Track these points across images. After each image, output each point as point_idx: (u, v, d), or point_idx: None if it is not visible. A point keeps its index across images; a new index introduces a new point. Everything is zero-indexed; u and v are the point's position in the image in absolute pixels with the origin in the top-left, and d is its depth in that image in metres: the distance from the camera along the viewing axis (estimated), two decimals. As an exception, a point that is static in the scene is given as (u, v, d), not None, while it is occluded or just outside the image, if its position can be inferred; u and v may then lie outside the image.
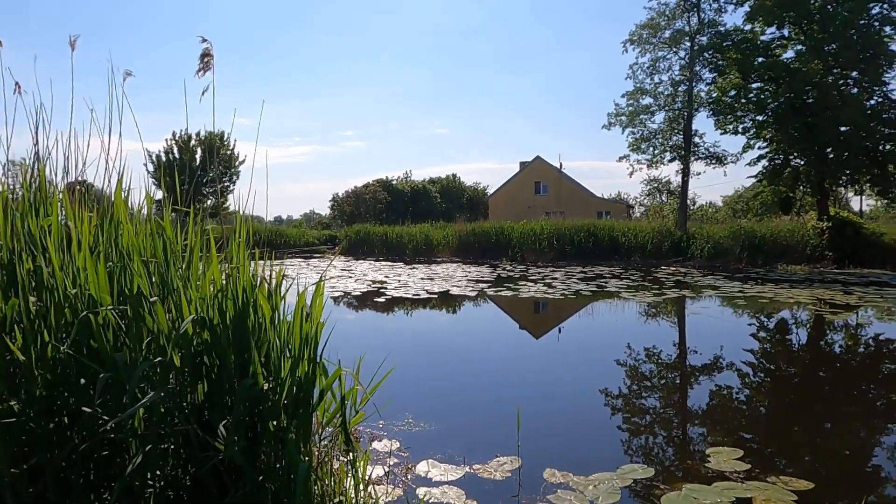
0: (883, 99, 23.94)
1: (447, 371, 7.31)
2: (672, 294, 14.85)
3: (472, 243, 28.90)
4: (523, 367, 7.68)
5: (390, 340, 9.40)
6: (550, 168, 49.12)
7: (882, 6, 23.43)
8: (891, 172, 24.23)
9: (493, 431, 5.03)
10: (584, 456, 4.54)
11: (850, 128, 23.08)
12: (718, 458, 4.39)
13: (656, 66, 26.79)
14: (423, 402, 5.90)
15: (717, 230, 25.67)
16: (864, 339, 9.84)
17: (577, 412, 5.74)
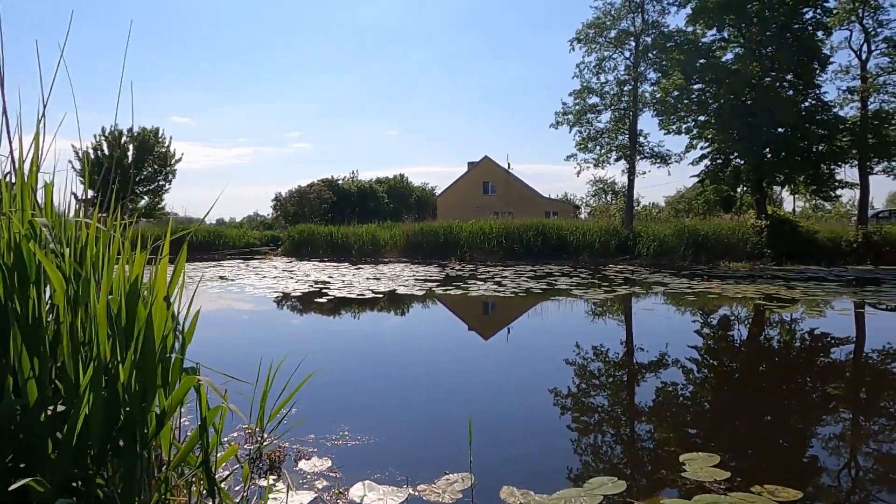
0: (816, 101, 24.81)
1: (391, 376, 6.63)
2: (623, 291, 14.65)
3: (420, 243, 28.26)
4: (474, 369, 7.09)
5: (328, 344, 8.63)
6: (498, 168, 49.03)
7: (815, 11, 24.27)
8: (823, 172, 25.13)
9: (441, 444, 4.40)
10: (545, 470, 3.97)
11: (787, 129, 23.78)
12: (694, 465, 3.90)
13: (602, 66, 26.96)
14: (363, 411, 5.20)
15: (662, 229, 25.99)
16: (817, 332, 9.77)
17: (534, 419, 5.17)
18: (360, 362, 7.28)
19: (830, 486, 3.80)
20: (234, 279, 18.01)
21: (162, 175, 44.33)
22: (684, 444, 4.39)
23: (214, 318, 10.98)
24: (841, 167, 25.76)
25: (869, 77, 25.50)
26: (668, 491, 3.57)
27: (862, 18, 25.24)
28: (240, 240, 34.27)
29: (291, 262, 26.13)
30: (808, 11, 24.39)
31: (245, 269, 21.97)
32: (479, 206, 44.07)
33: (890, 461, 4.20)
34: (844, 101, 26.12)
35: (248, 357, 5.16)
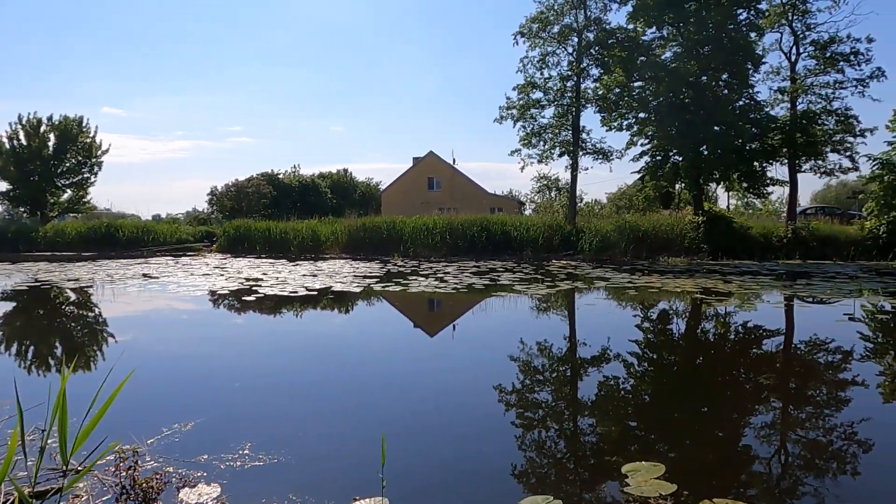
0: (749, 101, 25.56)
1: (310, 382, 6.00)
2: (565, 286, 14.46)
3: (362, 239, 27.48)
4: (402, 371, 6.56)
5: (245, 347, 7.91)
6: (444, 164, 48.67)
7: (749, 12, 24.96)
8: (756, 170, 25.93)
9: (357, 463, 3.83)
10: (472, 490, 3.48)
11: (722, 127, 24.36)
12: (637, 478, 3.51)
13: (546, 61, 26.87)
14: (272, 423, 4.57)
15: (603, 224, 26.18)
16: (752, 325, 9.75)
17: (464, 427, 4.69)
18: (277, 366, 6.61)
19: (779, 493, 3.49)
20: (158, 277, 16.81)
21: (87, 167, 41.56)
22: (627, 452, 4.00)
23: (124, 320, 10.03)
24: (772, 165, 26.70)
25: (798, 78, 26.51)
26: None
27: (791, 21, 26.20)
28: (171, 236, 32.53)
29: (226, 259, 24.87)
30: (742, 13, 25.08)
31: (173, 267, 20.67)
32: (424, 201, 43.58)
33: (833, 456, 3.96)
34: (775, 101, 27.11)
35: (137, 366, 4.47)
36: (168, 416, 4.51)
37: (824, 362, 7.20)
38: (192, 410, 4.70)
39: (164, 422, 4.34)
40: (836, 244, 24.77)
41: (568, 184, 31.12)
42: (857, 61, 25.27)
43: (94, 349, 7.56)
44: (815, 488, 3.57)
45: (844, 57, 25.38)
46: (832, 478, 3.74)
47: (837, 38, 25.56)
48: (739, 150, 24.64)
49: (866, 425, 4.69)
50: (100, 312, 10.95)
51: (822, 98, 26.07)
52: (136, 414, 4.64)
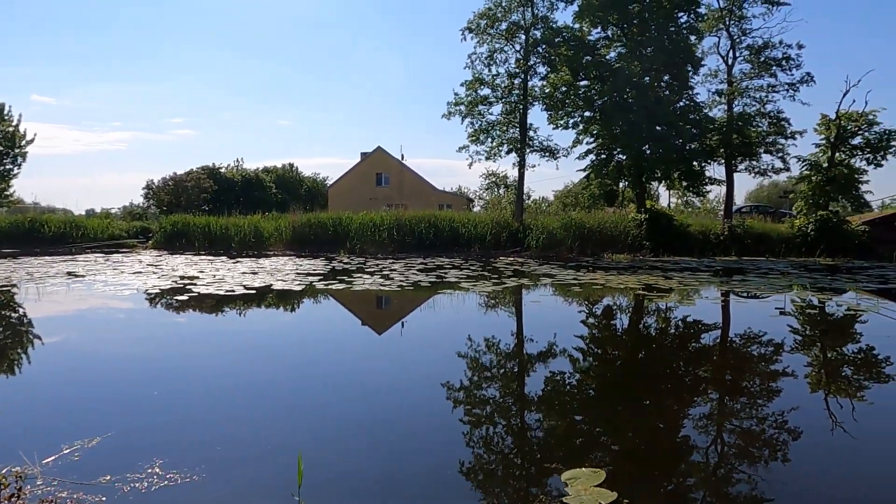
0: (689, 102, 26.29)
1: (240, 386, 5.62)
2: (511, 283, 14.41)
3: (307, 235, 26.78)
4: (337, 374, 6.26)
5: (169, 350, 7.41)
6: (392, 159, 48.16)
7: (689, 16, 25.66)
8: (696, 169, 26.74)
9: (274, 479, 3.53)
10: (409, 498, 3.25)
11: (664, 127, 24.96)
12: (577, 486, 3.36)
13: (493, 58, 26.85)
14: (189, 438, 4.20)
15: (550, 221, 26.43)
16: (692, 320, 9.92)
17: (401, 432, 4.45)
18: (203, 372, 6.18)
19: (715, 481, 3.42)
20: (84, 275, 15.79)
21: (9, 158, 38.89)
22: (568, 456, 3.85)
23: (38, 322, 9.28)
24: (710, 164, 27.60)
25: (734, 81, 27.49)
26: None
27: (729, 26, 27.11)
28: (103, 231, 30.79)
29: (161, 256, 23.71)
30: (682, 16, 25.76)
31: (103, 264, 19.51)
32: (373, 197, 43.00)
33: (766, 444, 3.94)
34: (713, 103, 28.01)
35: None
36: (72, 430, 4.08)
37: (758, 355, 7.40)
38: (100, 424, 4.27)
39: (65, 438, 3.91)
40: (769, 241, 25.87)
41: (516, 181, 31.29)
42: (788, 66, 26.42)
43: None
44: (748, 476, 3.62)
45: (777, 62, 26.48)
46: (764, 465, 3.81)
47: (771, 44, 26.67)
48: (680, 150, 25.32)
49: (795, 414, 4.87)
50: (9, 314, 10.11)
51: (757, 101, 27.15)
52: (34, 429, 4.19)
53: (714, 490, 3.50)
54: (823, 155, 26.51)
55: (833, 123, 25.90)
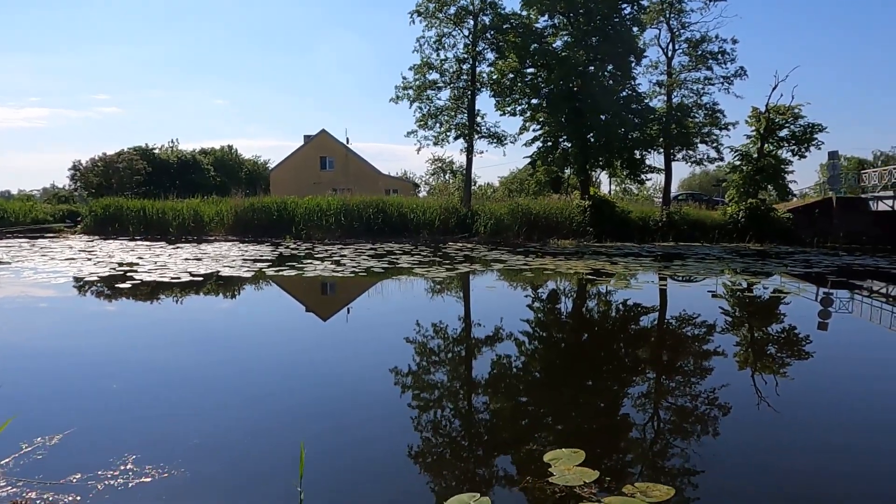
0: (632, 92, 27.07)
1: (199, 377, 5.45)
2: (464, 269, 14.53)
3: (251, 220, 25.99)
4: (304, 360, 6.17)
5: (122, 341, 7.09)
6: (337, 143, 47.21)
7: (632, 7, 26.32)
8: (637, 158, 27.64)
9: (261, 471, 3.46)
10: (394, 490, 3.26)
11: (608, 116, 25.60)
12: (560, 466, 3.46)
13: (442, 42, 26.69)
14: (159, 431, 4.04)
15: (497, 208, 26.72)
16: (634, 302, 10.32)
17: (369, 420, 4.44)
18: (161, 362, 5.94)
19: (652, 456, 3.61)
20: (10, 262, 14.78)
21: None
22: (545, 438, 3.97)
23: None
24: (650, 153, 28.58)
25: (673, 73, 28.46)
26: (537, 501, 3.07)
27: (669, 19, 27.99)
28: (26, 215, 28.88)
29: (93, 242, 22.45)
30: (626, 7, 26.39)
31: (29, 250, 18.31)
32: (317, 181, 42.10)
33: (699, 420, 4.20)
34: (654, 94, 28.92)
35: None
36: (27, 428, 3.84)
37: (692, 336, 7.89)
38: (58, 420, 4.04)
39: (21, 435, 3.68)
40: (704, 228, 27.14)
41: (462, 167, 31.39)
42: (723, 60, 27.57)
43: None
44: (682, 450, 3.86)
45: (713, 55, 27.57)
46: (696, 439, 4.10)
47: (707, 38, 27.71)
48: (623, 139, 26.08)
49: (726, 390, 5.22)
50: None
51: (694, 93, 28.23)
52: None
53: (650, 464, 3.68)
54: (753, 146, 27.96)
55: (763, 116, 27.32)
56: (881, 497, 3.34)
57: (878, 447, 4.08)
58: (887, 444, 4.14)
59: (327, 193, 30.62)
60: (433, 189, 47.43)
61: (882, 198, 26.32)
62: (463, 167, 30.88)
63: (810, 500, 3.32)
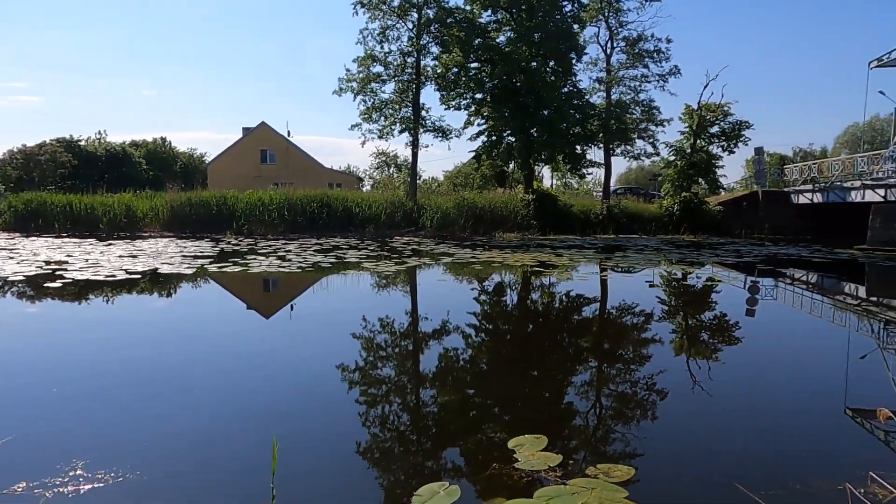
0: (573, 88, 27.72)
1: (143, 378, 5.22)
2: (413, 262, 14.52)
3: (188, 215, 25.02)
4: (257, 359, 6.02)
5: (57, 342, 6.71)
6: (277, 136, 46.00)
7: (573, 5, 26.94)
8: (578, 152, 28.35)
9: (225, 471, 3.36)
10: (364, 485, 3.24)
11: (551, 111, 26.12)
12: (524, 452, 3.53)
13: (386, 35, 26.45)
14: (107, 433, 3.85)
15: (443, 202, 26.82)
16: (578, 293, 10.63)
17: (332, 416, 4.39)
18: (101, 363, 5.65)
19: (594, 440, 3.77)
20: (-80, 261, 13.64)
21: None
22: (507, 426, 4.03)
23: None
24: (591, 148, 29.39)
25: (612, 70, 29.35)
26: (506, 486, 3.12)
27: (607, 18, 28.84)
28: (-66, 211, 26.69)
29: (14, 239, 21.02)
30: (567, 5, 27.01)
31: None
32: (257, 175, 40.93)
33: (638, 405, 4.40)
34: (593, 90, 29.77)
35: None
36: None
37: (631, 324, 8.21)
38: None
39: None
40: (641, 220, 28.20)
41: (407, 160, 31.28)
42: (659, 59, 28.70)
43: None
44: (622, 434, 4.00)
45: (649, 54, 28.64)
46: (636, 423, 4.26)
47: (644, 37, 28.75)
48: (565, 134, 26.69)
49: (663, 376, 5.44)
50: None
51: (631, 90, 29.27)
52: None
53: (606, 446, 3.83)
54: (687, 142, 29.24)
55: (695, 113, 28.58)
56: (799, 471, 3.58)
57: (797, 426, 4.38)
58: (804, 424, 4.45)
59: (269, 187, 29.87)
60: (378, 183, 47.05)
61: (802, 191, 28.08)
62: (407, 161, 30.81)
63: (742, 473, 3.50)
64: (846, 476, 3.18)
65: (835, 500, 2.98)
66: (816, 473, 3.36)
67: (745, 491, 3.01)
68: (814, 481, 3.20)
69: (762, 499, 2.94)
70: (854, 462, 3.51)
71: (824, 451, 3.84)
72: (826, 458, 3.69)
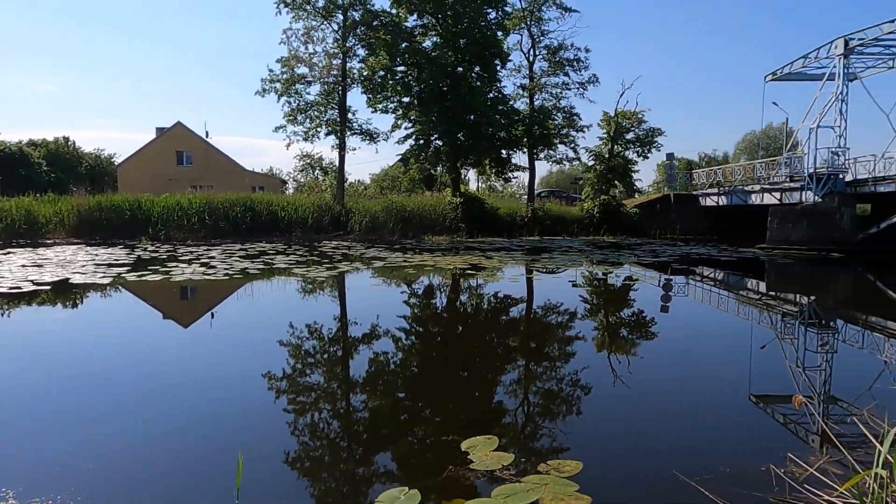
0: (498, 93, 28.33)
1: (62, 399, 4.91)
2: (345, 267, 14.37)
3: (98, 221, 23.45)
4: (194, 371, 5.79)
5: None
6: (195, 137, 43.97)
7: (497, 12, 27.53)
8: (504, 157, 29.01)
9: (149, 485, 3.24)
10: (319, 490, 3.22)
11: (477, 116, 26.57)
12: (478, 453, 3.63)
13: (310, 35, 25.98)
14: (32, 458, 3.60)
15: (372, 205, 26.66)
16: (505, 294, 10.93)
17: (281, 427, 4.32)
18: (21, 387, 5.25)
19: (524, 436, 3.97)
20: None
21: None
22: (457, 428, 4.11)
23: None
24: (516, 153, 30.16)
25: (535, 77, 30.24)
26: (463, 487, 3.20)
27: (530, 26, 29.70)
28: None
29: None
30: (491, 12, 27.54)
31: None
32: (173, 178, 38.97)
33: (564, 401, 4.67)
34: (517, 96, 30.54)
35: None
36: None
37: (556, 323, 8.58)
38: None
39: None
40: (564, 222, 29.24)
41: (333, 163, 30.84)
42: (578, 67, 29.85)
43: None
44: (549, 430, 4.21)
45: (569, 62, 29.74)
46: (551, 420, 4.47)
47: (564, 46, 29.83)
48: (491, 139, 27.23)
49: (587, 371, 5.73)
50: None
51: (553, 97, 30.26)
52: None
53: (542, 447, 3.94)
54: (605, 147, 30.60)
55: (613, 120, 29.97)
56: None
57: (718, 414, 4.76)
58: (723, 411, 4.85)
59: (186, 191, 28.55)
60: (302, 186, 45.95)
61: (709, 194, 30.10)
62: (334, 164, 30.36)
63: (677, 461, 3.77)
64: (768, 458, 3.50)
65: (761, 479, 3.27)
66: (742, 457, 3.66)
67: (684, 479, 3.25)
68: (741, 464, 3.49)
69: (699, 484, 3.18)
70: (774, 445, 3.85)
71: (744, 436, 4.18)
72: (747, 443, 4.03)
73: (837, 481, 3.10)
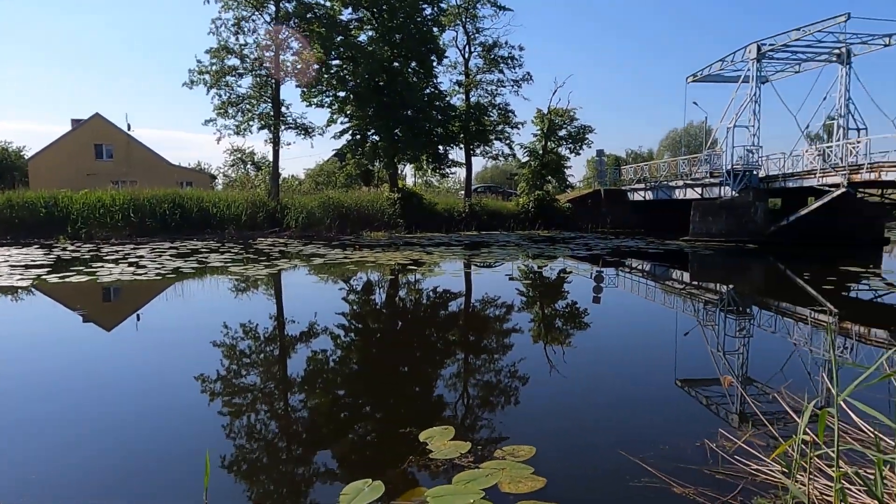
0: (435, 90, 28.49)
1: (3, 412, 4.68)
2: (284, 265, 14.13)
3: (8, 219, 21.89)
4: (134, 375, 5.62)
5: None
6: (115, 129, 41.51)
7: (433, 8, 27.62)
8: (441, 152, 29.22)
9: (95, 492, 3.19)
10: (290, 488, 3.26)
11: (414, 111, 26.62)
12: (437, 443, 3.77)
13: (241, 26, 25.15)
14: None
15: (308, 201, 26.21)
16: (444, 289, 11.14)
17: (240, 424, 4.30)
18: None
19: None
20: None
21: None
22: (416, 420, 4.23)
23: None
24: (452, 149, 30.44)
25: (470, 74, 30.60)
26: (425, 476, 3.32)
27: (465, 23, 29.98)
28: None
29: None
30: (427, 8, 27.61)
31: None
32: (92, 173, 36.74)
33: (502, 392, 4.92)
34: (454, 93, 30.80)
35: None
36: None
37: (493, 316, 8.85)
38: None
39: None
40: (501, 217, 29.81)
41: (265, 158, 30.05)
42: (512, 65, 30.44)
43: None
44: (500, 419, 4.40)
45: (504, 60, 30.27)
46: (501, 409, 4.68)
47: (499, 43, 30.32)
48: (428, 134, 27.35)
49: (524, 363, 5.99)
50: None
51: (489, 93, 30.75)
52: None
53: (477, 435, 4.08)
54: (539, 143, 31.40)
55: (546, 117, 30.79)
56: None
57: (653, 397, 5.11)
58: (656, 394, 5.22)
59: (107, 186, 27.05)
60: (233, 181, 44.44)
61: (636, 189, 31.49)
62: (266, 158, 29.59)
63: (621, 441, 4.05)
64: (702, 435, 3.83)
65: (697, 453, 3.58)
66: (678, 436, 3.96)
67: (629, 457, 3.51)
68: (677, 441, 3.79)
69: (642, 461, 3.45)
70: (704, 423, 4.20)
71: (678, 416, 4.53)
72: (681, 423, 4.36)
73: (762, 452, 3.44)
